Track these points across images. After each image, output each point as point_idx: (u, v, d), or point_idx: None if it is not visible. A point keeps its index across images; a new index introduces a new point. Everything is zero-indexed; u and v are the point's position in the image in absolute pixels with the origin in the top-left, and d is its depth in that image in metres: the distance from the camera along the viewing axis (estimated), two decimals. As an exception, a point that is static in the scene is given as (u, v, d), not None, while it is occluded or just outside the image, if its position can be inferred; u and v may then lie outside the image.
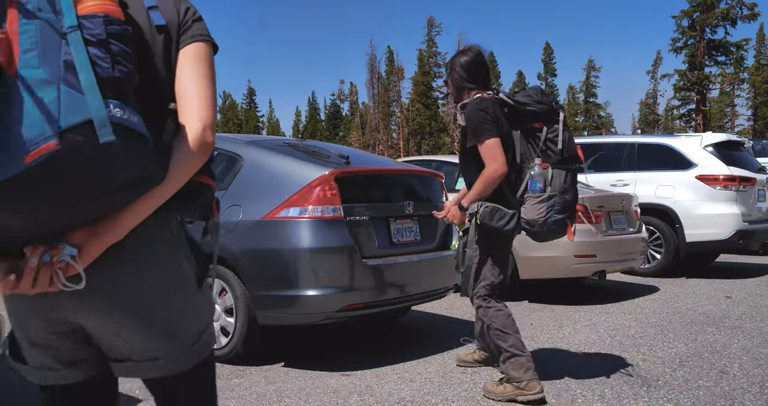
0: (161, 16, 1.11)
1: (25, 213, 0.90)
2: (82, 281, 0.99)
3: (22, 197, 0.87)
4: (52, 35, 0.90)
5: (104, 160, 0.90)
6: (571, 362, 3.66)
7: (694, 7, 37.23)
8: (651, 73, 56.22)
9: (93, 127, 0.88)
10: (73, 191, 0.91)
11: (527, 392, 2.95)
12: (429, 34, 50.34)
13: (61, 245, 0.97)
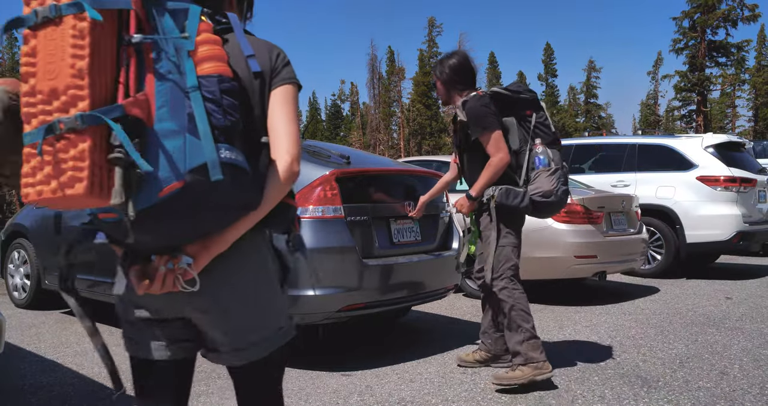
0: (257, 63, 1.30)
1: (156, 232, 1.17)
2: (197, 284, 1.24)
3: (154, 221, 1.13)
4: (178, 93, 1.12)
5: (215, 193, 1.13)
6: (571, 363, 3.66)
7: (695, 8, 37.18)
8: (652, 74, 56.22)
9: (207, 168, 1.10)
10: (191, 217, 1.17)
11: (544, 371, 3.19)
12: (430, 35, 50.35)
13: (180, 255, 1.22)
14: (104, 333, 4.80)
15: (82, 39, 1.05)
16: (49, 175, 1.05)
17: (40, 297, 5.53)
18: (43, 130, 1.05)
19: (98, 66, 1.07)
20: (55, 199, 1.05)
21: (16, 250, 5.71)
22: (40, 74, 1.07)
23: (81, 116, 1.03)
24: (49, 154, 1.05)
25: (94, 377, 3.58)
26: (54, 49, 1.06)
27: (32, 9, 1.09)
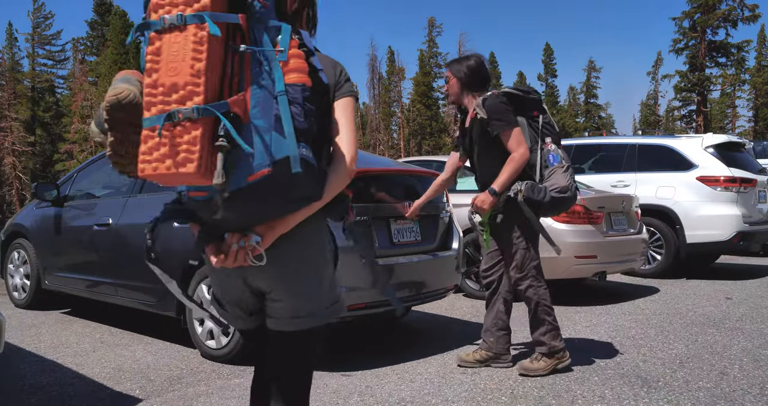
0: (325, 77, 1.51)
1: (239, 212, 1.39)
2: (264, 259, 1.45)
3: (241, 202, 1.34)
4: (268, 97, 1.33)
5: (292, 182, 1.35)
6: (571, 363, 3.65)
7: (695, 8, 37.19)
8: (652, 74, 56.19)
9: (289, 161, 1.31)
10: (268, 201, 1.38)
11: (564, 359, 3.46)
12: (430, 35, 50.34)
13: (250, 234, 1.43)
14: (104, 333, 4.82)
15: (201, 45, 1.29)
16: (165, 155, 1.27)
17: (39, 297, 5.53)
18: (163, 117, 1.27)
19: (211, 68, 1.30)
20: (168, 175, 1.29)
21: (16, 250, 5.70)
22: (163, 71, 1.30)
23: (197, 109, 1.26)
24: (166, 137, 1.27)
25: (94, 377, 3.58)
26: (177, 51, 1.29)
27: (160, 16, 1.32)
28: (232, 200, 1.34)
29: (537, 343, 3.49)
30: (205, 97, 1.28)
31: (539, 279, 3.49)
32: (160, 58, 1.30)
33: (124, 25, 38.86)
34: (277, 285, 1.54)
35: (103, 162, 5.47)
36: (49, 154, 44.75)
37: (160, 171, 1.29)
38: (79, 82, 40.92)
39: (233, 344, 3.71)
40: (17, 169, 40.10)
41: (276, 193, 1.37)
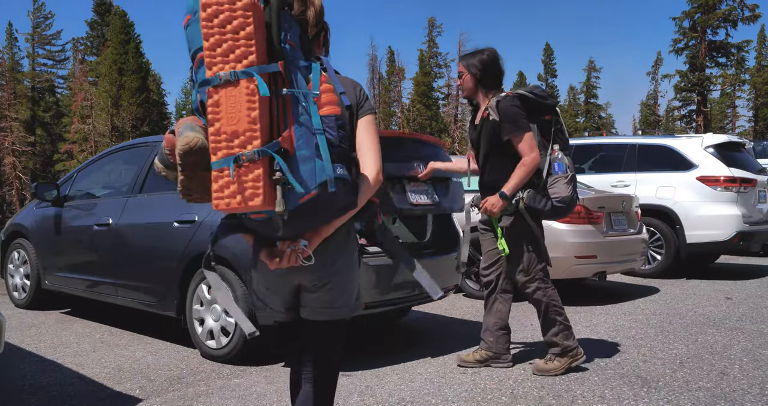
0: (347, 98, 1.74)
1: (296, 228, 1.65)
2: (312, 260, 1.69)
3: (294, 219, 1.59)
4: (308, 131, 1.56)
5: (332, 199, 1.60)
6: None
7: (695, 8, 37.16)
8: (652, 74, 56.15)
9: (331, 183, 1.55)
10: (316, 215, 1.64)
11: (578, 357, 3.48)
12: (430, 35, 50.32)
13: (298, 239, 1.68)
14: (104, 333, 4.81)
15: (254, 96, 1.51)
16: (235, 192, 1.53)
17: (39, 297, 5.53)
18: (231, 159, 1.52)
19: (263, 114, 1.53)
20: (239, 208, 1.55)
21: (16, 250, 5.70)
22: (224, 120, 1.53)
23: (257, 151, 1.51)
24: (234, 177, 1.52)
25: (94, 377, 3.58)
26: (234, 103, 1.52)
27: (215, 73, 1.54)
28: (290, 220, 1.59)
29: (550, 344, 3.50)
30: (262, 140, 1.52)
31: (546, 281, 3.50)
32: (220, 109, 1.54)
33: (124, 25, 38.81)
34: (318, 281, 1.78)
35: (103, 162, 5.47)
36: (49, 154, 44.74)
37: (232, 205, 1.55)
38: (79, 82, 40.88)
39: (233, 344, 3.71)
40: (17, 169, 40.09)
41: (323, 209, 1.63)
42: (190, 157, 1.62)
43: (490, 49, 3.55)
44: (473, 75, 3.50)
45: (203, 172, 1.63)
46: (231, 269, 3.71)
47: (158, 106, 43.98)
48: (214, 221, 3.82)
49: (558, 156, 3.41)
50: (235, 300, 3.68)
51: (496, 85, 3.52)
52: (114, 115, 37.16)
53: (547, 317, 3.48)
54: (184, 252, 3.96)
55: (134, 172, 4.76)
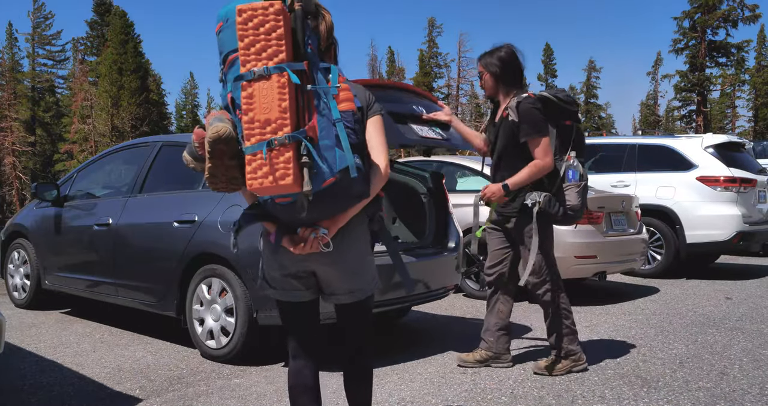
0: (359, 101, 1.91)
1: (318, 210, 1.83)
2: (331, 246, 1.87)
3: (318, 203, 1.79)
4: (329, 123, 1.77)
5: (351, 184, 1.80)
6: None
7: (695, 8, 37.15)
8: (652, 74, 56.14)
9: (348, 169, 1.76)
10: (336, 200, 1.83)
11: (580, 363, 3.50)
12: (430, 35, 50.30)
13: (318, 227, 1.85)
14: (104, 333, 4.81)
15: (284, 89, 1.72)
16: (267, 173, 1.71)
17: (39, 297, 5.52)
18: (264, 144, 1.71)
19: (291, 105, 1.73)
20: (271, 187, 1.73)
21: (16, 250, 5.70)
22: (257, 110, 1.73)
23: (288, 136, 1.71)
24: (267, 160, 1.71)
25: (94, 377, 3.58)
26: (267, 94, 1.72)
27: (249, 69, 1.75)
28: (313, 202, 1.78)
29: (553, 346, 3.51)
30: (291, 127, 1.72)
31: (557, 283, 3.50)
32: (253, 100, 1.74)
33: (124, 25, 38.81)
34: (335, 266, 1.95)
35: (103, 162, 5.48)
36: (49, 154, 44.73)
37: (265, 185, 1.72)
38: (79, 82, 40.86)
39: (233, 344, 3.71)
40: (17, 169, 40.07)
41: (342, 193, 1.81)
42: (219, 145, 1.79)
43: (508, 45, 3.49)
44: (492, 73, 3.46)
45: (229, 162, 1.82)
46: (231, 268, 3.71)
47: (158, 106, 43.96)
48: (214, 221, 3.82)
49: (573, 163, 3.39)
50: (235, 300, 3.69)
51: (516, 82, 3.47)
52: (114, 115, 37.16)
53: (554, 319, 3.49)
54: (184, 252, 3.96)
55: (134, 172, 4.77)
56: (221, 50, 1.90)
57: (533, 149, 3.31)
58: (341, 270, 1.96)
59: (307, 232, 1.85)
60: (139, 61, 39.13)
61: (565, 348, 3.46)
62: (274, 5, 1.75)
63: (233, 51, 1.83)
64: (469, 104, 51.38)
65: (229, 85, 1.84)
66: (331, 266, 1.95)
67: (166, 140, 4.82)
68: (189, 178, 4.44)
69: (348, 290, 2.01)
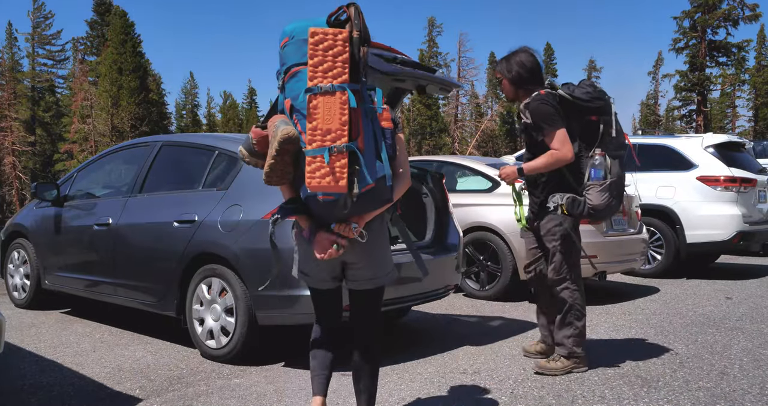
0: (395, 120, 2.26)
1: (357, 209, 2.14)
2: (365, 237, 2.21)
3: (359, 203, 2.10)
4: (373, 138, 2.09)
5: (383, 191, 2.12)
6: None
7: (696, 7, 37.15)
8: (652, 74, 56.16)
9: (385, 177, 2.09)
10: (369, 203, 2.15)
11: (581, 366, 3.49)
12: (430, 35, 50.27)
13: (349, 223, 2.18)
14: (104, 333, 4.81)
15: (345, 105, 2.02)
16: (326, 174, 2.01)
17: (39, 297, 5.52)
18: (326, 149, 2.00)
19: (348, 119, 2.02)
20: (327, 187, 2.02)
21: (16, 250, 5.70)
22: (320, 120, 2.01)
23: (345, 146, 2.01)
24: (327, 163, 2.00)
25: (94, 377, 3.58)
26: (330, 108, 2.01)
27: (315, 84, 2.03)
28: (356, 202, 2.09)
29: (559, 344, 3.52)
30: (348, 138, 2.01)
31: (576, 283, 3.51)
32: (318, 111, 2.02)
33: (124, 24, 38.81)
34: (362, 257, 2.28)
35: (103, 162, 5.47)
36: (49, 154, 44.74)
37: (323, 184, 2.01)
38: (79, 82, 40.88)
39: (233, 344, 3.71)
40: (17, 169, 40.08)
41: (375, 197, 2.13)
42: (287, 145, 2.07)
43: (523, 48, 3.53)
44: (510, 79, 3.50)
45: (288, 159, 2.12)
46: (231, 268, 3.71)
47: (158, 105, 43.96)
48: (214, 221, 3.83)
49: (596, 161, 3.36)
50: (235, 300, 3.69)
51: (534, 83, 3.46)
52: (114, 114, 37.15)
53: (566, 318, 3.49)
54: (184, 252, 3.96)
55: (134, 172, 4.76)
56: (284, 62, 2.19)
57: (549, 143, 3.32)
58: (367, 259, 2.29)
59: (342, 227, 2.17)
60: (139, 60, 39.13)
61: (569, 349, 3.47)
62: (342, 33, 2.06)
63: (296, 64, 2.13)
64: (469, 104, 51.35)
65: (289, 93, 2.14)
66: (357, 256, 2.27)
67: (165, 140, 4.82)
68: (189, 178, 4.44)
69: (370, 277, 2.34)
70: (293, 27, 2.18)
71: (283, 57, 2.20)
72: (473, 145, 43.48)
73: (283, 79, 2.18)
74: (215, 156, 4.20)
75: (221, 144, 4.23)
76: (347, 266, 2.32)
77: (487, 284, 5.91)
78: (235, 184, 3.91)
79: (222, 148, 4.17)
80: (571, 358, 3.47)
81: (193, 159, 4.49)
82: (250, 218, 3.67)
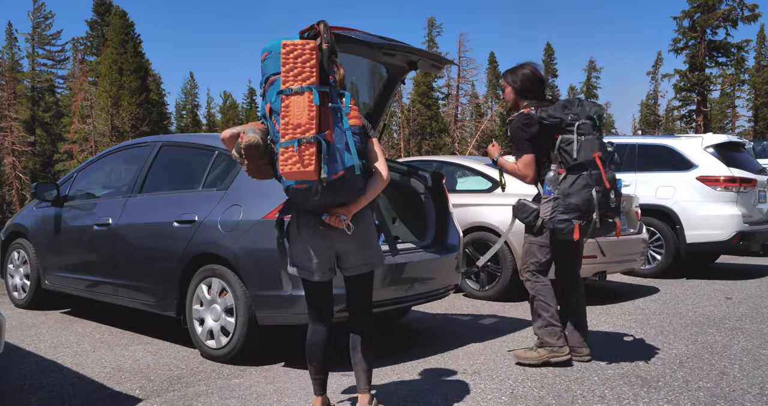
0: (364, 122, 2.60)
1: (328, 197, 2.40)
2: (352, 228, 2.51)
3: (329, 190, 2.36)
4: (341, 131, 2.39)
5: (353, 179, 2.41)
6: (571, 363, 3.66)
7: (695, 7, 37.15)
8: (652, 74, 56.15)
9: (354, 168, 2.37)
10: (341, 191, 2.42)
11: (559, 355, 3.58)
12: (430, 35, 50.28)
13: (339, 215, 2.47)
14: (104, 333, 4.81)
15: (312, 103, 2.34)
16: (296, 161, 2.30)
17: (39, 297, 5.52)
18: (296, 141, 2.30)
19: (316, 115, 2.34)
20: (298, 173, 2.30)
21: (16, 250, 5.70)
22: (292, 116, 2.33)
23: (314, 137, 2.31)
24: (297, 152, 2.30)
25: (94, 377, 3.58)
26: (299, 106, 2.34)
27: (287, 87, 2.37)
28: (325, 189, 2.34)
29: (535, 334, 3.68)
30: (316, 130, 2.32)
31: (536, 275, 3.67)
32: (290, 109, 2.34)
33: (124, 24, 38.82)
34: (353, 245, 2.57)
35: (103, 162, 5.47)
36: (49, 154, 44.73)
37: (293, 171, 2.30)
38: (79, 82, 40.88)
39: (233, 344, 3.71)
40: (17, 169, 40.08)
41: (347, 186, 2.41)
42: (250, 150, 2.42)
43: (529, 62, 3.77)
44: (516, 90, 3.71)
45: (260, 160, 2.46)
46: (231, 269, 3.71)
47: (158, 106, 43.96)
48: (214, 221, 3.83)
49: (548, 177, 3.47)
50: (235, 300, 3.69)
51: (536, 96, 3.69)
52: (114, 115, 37.16)
53: (533, 309, 3.69)
54: (184, 252, 3.96)
55: (134, 172, 4.76)
56: (264, 73, 2.52)
57: (518, 165, 3.62)
58: (358, 246, 2.58)
59: (333, 218, 2.45)
60: (139, 61, 39.13)
61: (542, 339, 3.60)
62: (310, 44, 2.41)
63: (274, 74, 2.46)
64: (469, 104, 51.33)
65: (268, 98, 2.46)
66: (350, 244, 2.56)
67: (165, 140, 4.82)
68: (189, 178, 4.44)
69: (363, 262, 2.64)
70: (271, 44, 2.51)
71: (263, 69, 2.53)
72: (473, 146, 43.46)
73: (263, 87, 2.52)
74: (215, 156, 4.20)
75: (221, 144, 4.23)
76: (341, 255, 2.60)
77: (487, 284, 5.92)
78: (235, 184, 3.91)
79: (222, 149, 4.16)
80: (545, 347, 3.58)
81: (193, 159, 4.49)
82: (250, 218, 3.67)
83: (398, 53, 3.91)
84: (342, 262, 2.63)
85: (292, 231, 2.59)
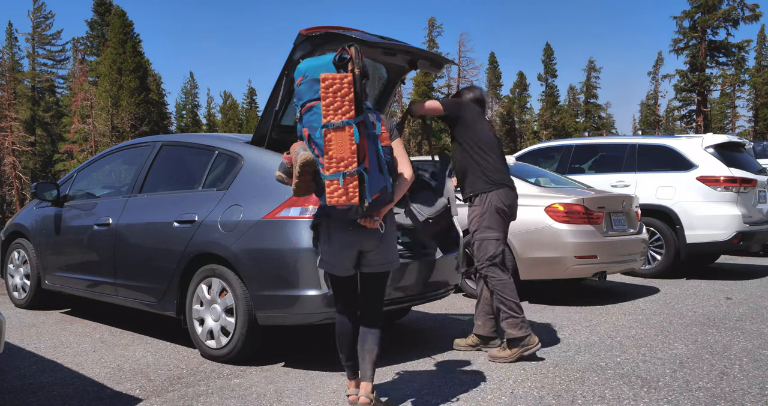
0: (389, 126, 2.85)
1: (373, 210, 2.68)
2: (384, 227, 2.76)
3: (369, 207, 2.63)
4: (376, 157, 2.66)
5: (386, 195, 2.71)
6: (571, 363, 3.66)
7: (696, 8, 37.17)
8: (652, 74, 56.14)
9: (387, 188, 2.69)
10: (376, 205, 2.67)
11: (529, 347, 3.67)
12: (430, 35, 50.30)
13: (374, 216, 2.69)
14: (104, 333, 4.80)
15: (352, 137, 2.56)
16: (342, 194, 2.56)
17: (40, 297, 5.52)
18: (341, 174, 2.54)
19: (355, 148, 2.56)
20: (344, 202, 2.56)
21: (16, 250, 5.70)
22: (334, 150, 2.54)
23: (356, 171, 2.56)
24: (342, 185, 2.55)
25: (94, 377, 3.58)
26: (342, 140, 2.55)
27: (329, 121, 2.55)
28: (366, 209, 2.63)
29: (502, 330, 3.77)
30: (357, 164, 2.55)
31: (493, 270, 3.78)
32: (332, 143, 2.55)
33: (124, 24, 38.83)
34: (378, 245, 2.77)
35: (103, 162, 5.47)
36: (49, 154, 44.75)
37: (341, 202, 2.56)
38: (79, 82, 40.90)
39: (233, 344, 3.71)
40: (17, 169, 40.09)
41: (380, 202, 2.68)
42: (306, 167, 2.59)
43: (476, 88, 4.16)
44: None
45: (309, 177, 2.63)
46: (231, 269, 3.71)
47: (158, 105, 43.96)
48: (214, 221, 3.83)
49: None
50: (235, 300, 3.69)
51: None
52: (114, 115, 37.16)
53: (494, 301, 3.81)
54: (184, 252, 3.96)
55: (134, 172, 4.76)
56: (300, 97, 2.68)
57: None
58: (382, 246, 2.79)
59: (369, 220, 2.69)
60: (139, 60, 39.15)
61: (507, 332, 3.69)
62: (347, 77, 2.57)
63: (310, 100, 2.63)
64: (469, 104, 51.17)
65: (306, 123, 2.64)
66: (375, 244, 2.77)
67: (165, 140, 4.82)
68: (189, 178, 4.44)
69: (383, 262, 2.84)
70: (306, 67, 2.67)
71: (299, 93, 2.70)
72: (473, 146, 43.38)
73: (300, 111, 2.68)
74: (215, 156, 4.20)
75: (221, 144, 4.23)
76: (364, 254, 2.80)
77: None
78: (235, 184, 3.91)
79: (222, 149, 4.16)
80: (517, 344, 3.67)
81: (193, 159, 4.49)
82: (250, 218, 3.67)
83: (398, 53, 3.91)
84: (363, 260, 2.81)
85: (322, 231, 2.81)
